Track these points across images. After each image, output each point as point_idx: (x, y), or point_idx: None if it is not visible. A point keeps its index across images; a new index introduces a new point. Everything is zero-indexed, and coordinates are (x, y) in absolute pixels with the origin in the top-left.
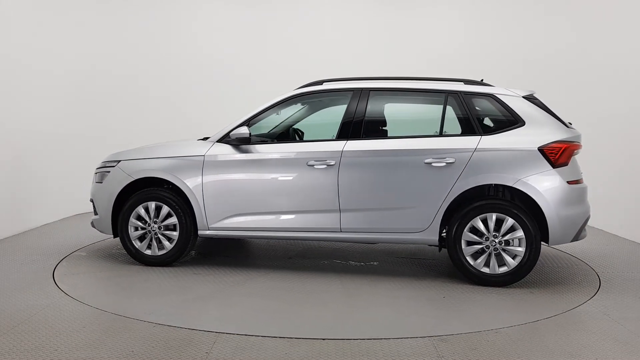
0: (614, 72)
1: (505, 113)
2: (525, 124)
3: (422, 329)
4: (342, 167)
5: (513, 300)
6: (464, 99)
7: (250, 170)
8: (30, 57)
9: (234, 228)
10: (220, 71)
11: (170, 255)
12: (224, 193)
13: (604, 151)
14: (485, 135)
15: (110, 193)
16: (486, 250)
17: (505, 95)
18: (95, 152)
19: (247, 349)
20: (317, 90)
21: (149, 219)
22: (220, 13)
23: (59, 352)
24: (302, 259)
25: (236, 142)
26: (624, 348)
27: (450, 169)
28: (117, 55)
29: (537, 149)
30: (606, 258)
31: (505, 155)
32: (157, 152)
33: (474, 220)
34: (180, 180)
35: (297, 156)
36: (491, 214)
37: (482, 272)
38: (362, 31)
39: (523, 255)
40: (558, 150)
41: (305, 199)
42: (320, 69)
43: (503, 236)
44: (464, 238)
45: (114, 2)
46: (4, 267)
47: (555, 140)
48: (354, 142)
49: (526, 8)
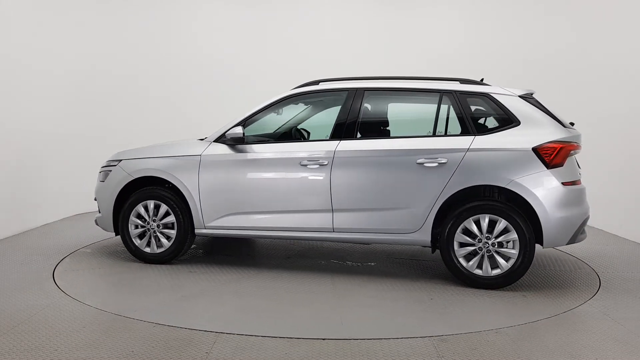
0: (614, 72)
1: (500, 113)
2: (520, 124)
3: (422, 329)
4: (334, 167)
5: (513, 300)
6: (459, 98)
7: (244, 169)
8: (30, 57)
9: (229, 227)
10: (221, 71)
11: (168, 253)
12: (219, 192)
13: (604, 151)
14: (479, 135)
15: (112, 192)
16: (479, 252)
17: (501, 95)
18: (95, 152)
19: (247, 349)
20: (312, 91)
21: (148, 217)
22: (221, 13)
23: (59, 352)
24: (301, 259)
25: (231, 142)
26: (624, 348)
27: (442, 169)
28: (117, 55)
29: (532, 149)
30: (606, 258)
31: (499, 155)
32: (157, 152)
33: (467, 222)
34: (177, 180)
35: (291, 156)
36: (484, 215)
37: (475, 274)
38: (362, 31)
39: (516, 257)
40: (553, 151)
41: (298, 198)
42: (320, 69)
43: (496, 238)
44: (457, 239)
45: (114, 2)
46: (4, 267)
47: (551, 140)
48: (347, 142)
49: (526, 8)
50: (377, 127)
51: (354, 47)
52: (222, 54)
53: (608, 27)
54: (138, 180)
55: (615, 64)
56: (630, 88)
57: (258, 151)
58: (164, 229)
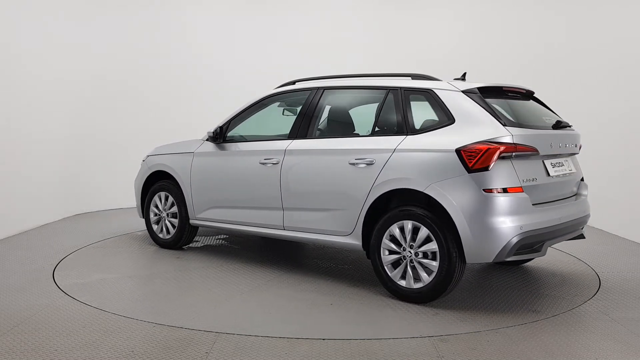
0: (614, 72)
1: (439, 110)
2: (454, 122)
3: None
4: (284, 166)
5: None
6: (403, 95)
7: (220, 166)
8: (30, 58)
9: (210, 219)
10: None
11: (171, 240)
12: (204, 186)
13: (604, 151)
14: (410, 134)
15: (139, 183)
16: (403, 261)
17: (443, 91)
18: (96, 152)
19: (247, 349)
20: (284, 91)
21: (161, 207)
22: (228, 17)
23: (59, 352)
24: (301, 260)
25: (210, 140)
26: (624, 348)
27: (369, 170)
28: (117, 55)
29: (455, 150)
30: (606, 258)
31: (421, 157)
32: (167, 149)
33: (392, 228)
34: (177, 174)
35: (253, 154)
36: (408, 221)
37: (398, 285)
38: (362, 31)
39: (437, 270)
40: (477, 153)
41: (258, 195)
42: (320, 69)
43: (419, 247)
44: (384, 246)
45: (115, 3)
46: (4, 267)
47: (477, 141)
48: (297, 142)
49: (526, 8)
50: (330, 126)
51: (354, 47)
52: (232, 57)
53: (609, 26)
54: (160, 173)
55: (616, 64)
56: (631, 88)
57: (231, 149)
58: (171, 218)
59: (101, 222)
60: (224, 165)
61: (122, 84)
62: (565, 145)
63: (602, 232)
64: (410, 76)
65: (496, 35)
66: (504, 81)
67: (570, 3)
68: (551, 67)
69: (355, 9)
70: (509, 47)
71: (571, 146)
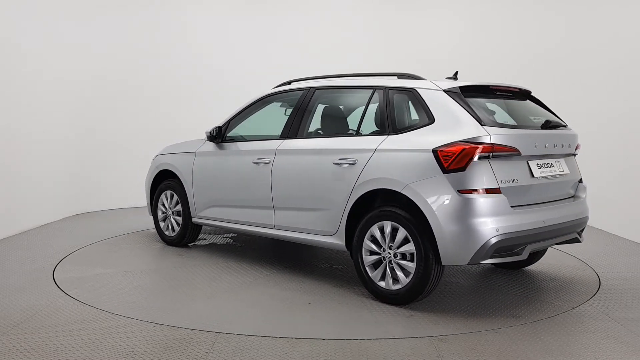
0: (613, 72)
1: (420, 109)
2: (434, 122)
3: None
4: (274, 165)
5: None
6: (388, 94)
7: (218, 165)
8: (30, 57)
9: (210, 218)
10: (231, 71)
11: (175, 238)
12: (204, 186)
13: (603, 151)
14: (392, 134)
15: (148, 181)
16: (383, 262)
17: (425, 90)
18: (96, 152)
19: (247, 349)
20: (280, 91)
21: (167, 205)
22: (228, 17)
23: (59, 352)
24: (301, 260)
25: (209, 139)
26: (624, 348)
27: (351, 170)
28: (117, 56)
29: (432, 150)
30: (606, 258)
31: (401, 157)
32: (174, 148)
33: (373, 228)
34: (180, 173)
35: (248, 154)
36: (387, 222)
37: (377, 286)
38: (362, 31)
39: (414, 272)
40: (453, 153)
41: (252, 194)
42: (320, 69)
43: (398, 248)
44: (365, 247)
45: (115, 3)
46: (4, 267)
47: (454, 141)
48: (288, 142)
49: (525, 8)
50: (320, 126)
51: (354, 47)
52: (231, 57)
53: (609, 26)
54: (167, 171)
55: (616, 64)
56: (631, 88)
57: (229, 149)
58: (176, 216)
59: (101, 222)
60: (222, 164)
61: (122, 84)
62: (555, 145)
63: (602, 232)
64: (397, 75)
65: (496, 35)
66: (499, 81)
67: (570, 3)
68: (551, 67)
69: (355, 9)
70: (509, 47)
71: (564, 147)
